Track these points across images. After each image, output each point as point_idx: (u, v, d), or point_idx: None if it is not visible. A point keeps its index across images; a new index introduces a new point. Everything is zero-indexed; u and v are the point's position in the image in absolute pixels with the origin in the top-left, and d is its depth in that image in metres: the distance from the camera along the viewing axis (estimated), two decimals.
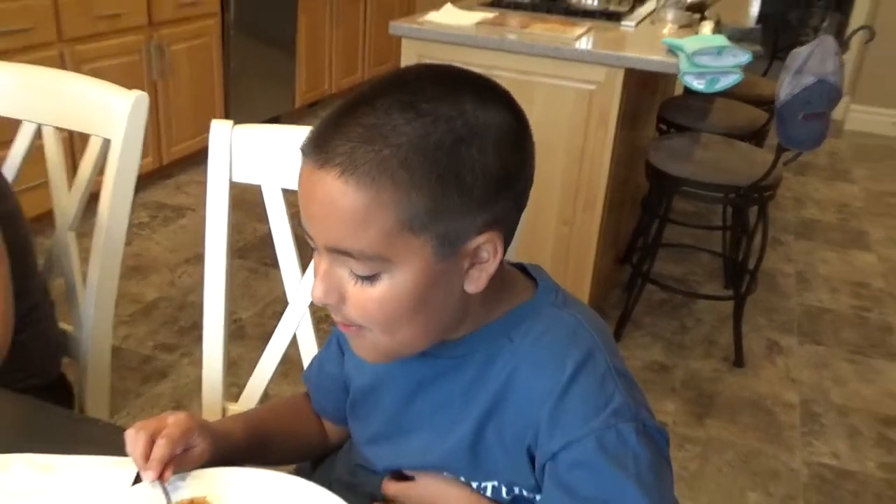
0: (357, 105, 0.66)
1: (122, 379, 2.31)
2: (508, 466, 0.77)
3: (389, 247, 0.66)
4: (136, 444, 0.75)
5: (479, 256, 0.70)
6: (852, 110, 5.29)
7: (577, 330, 0.75)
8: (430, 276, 0.68)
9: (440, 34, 2.40)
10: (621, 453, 0.69)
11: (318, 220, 0.68)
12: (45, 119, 1.29)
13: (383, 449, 0.86)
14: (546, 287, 0.80)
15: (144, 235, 3.18)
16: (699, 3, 2.88)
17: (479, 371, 0.77)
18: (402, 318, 0.70)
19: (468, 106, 0.66)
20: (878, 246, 3.58)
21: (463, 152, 0.65)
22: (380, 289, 0.68)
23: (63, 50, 2.96)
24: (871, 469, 2.17)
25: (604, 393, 0.71)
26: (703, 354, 2.65)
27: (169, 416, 0.78)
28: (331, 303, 0.70)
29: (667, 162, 2.50)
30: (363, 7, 4.92)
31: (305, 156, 0.67)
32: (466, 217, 0.67)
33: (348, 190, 0.64)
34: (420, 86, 0.67)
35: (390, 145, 0.64)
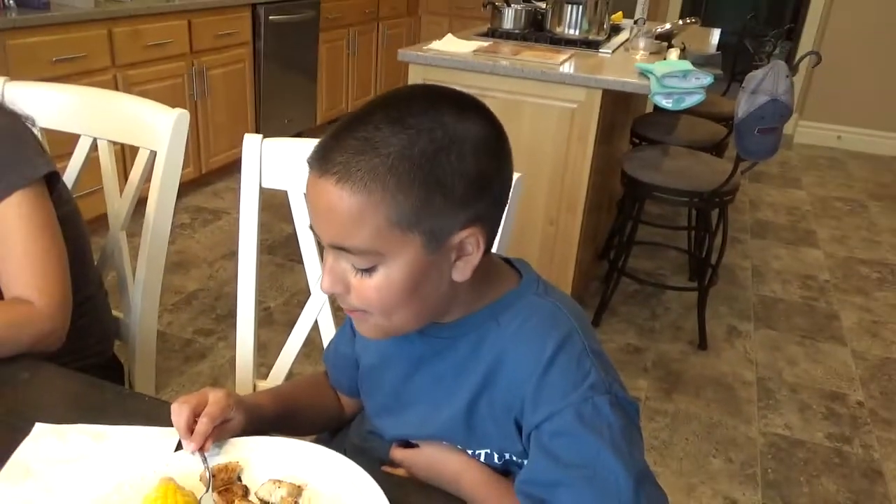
0: (353, 122, 0.67)
1: (166, 360, 2.30)
2: (499, 436, 0.77)
3: (382, 243, 0.67)
4: (179, 417, 0.75)
5: (464, 249, 0.70)
6: (801, 125, 5.27)
7: (556, 315, 0.75)
8: (420, 267, 0.69)
9: (442, 60, 2.39)
10: (597, 422, 0.69)
11: (321, 221, 0.69)
12: (100, 134, 1.28)
13: (388, 420, 0.86)
14: (529, 278, 0.80)
15: (186, 235, 3.17)
16: (667, 33, 2.87)
17: (470, 350, 0.77)
18: (397, 304, 0.71)
19: (448, 119, 0.67)
20: (824, 244, 3.56)
21: (443, 159, 0.65)
22: (377, 279, 0.69)
23: (116, 74, 2.96)
24: (819, 439, 2.16)
25: (581, 370, 0.71)
26: (671, 338, 2.64)
27: (210, 393, 0.78)
28: (337, 292, 0.71)
29: (639, 170, 2.49)
30: (376, 38, 4.92)
31: (310, 166, 0.69)
32: (449, 215, 0.68)
33: (344, 195, 0.65)
34: (407, 103, 0.68)
35: (380, 155, 0.64)
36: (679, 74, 2.14)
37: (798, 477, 1.99)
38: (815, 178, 4.57)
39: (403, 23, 5.22)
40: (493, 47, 2.57)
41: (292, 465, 0.76)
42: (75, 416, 0.82)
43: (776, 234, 3.64)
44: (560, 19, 2.80)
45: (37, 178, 1.02)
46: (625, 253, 2.67)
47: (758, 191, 4.25)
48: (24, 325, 0.95)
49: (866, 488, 1.97)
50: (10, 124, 1.05)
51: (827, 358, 2.58)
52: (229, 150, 3.69)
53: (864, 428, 2.21)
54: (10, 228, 0.99)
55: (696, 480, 1.95)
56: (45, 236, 1.01)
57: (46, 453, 0.77)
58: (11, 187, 0.99)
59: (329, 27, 4.31)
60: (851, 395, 2.37)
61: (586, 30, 2.79)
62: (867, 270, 3.30)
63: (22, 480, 0.74)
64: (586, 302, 2.77)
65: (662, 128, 3.04)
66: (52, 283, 1.00)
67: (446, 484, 0.79)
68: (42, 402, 0.87)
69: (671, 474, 1.97)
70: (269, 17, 3.73)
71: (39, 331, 0.97)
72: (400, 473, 0.83)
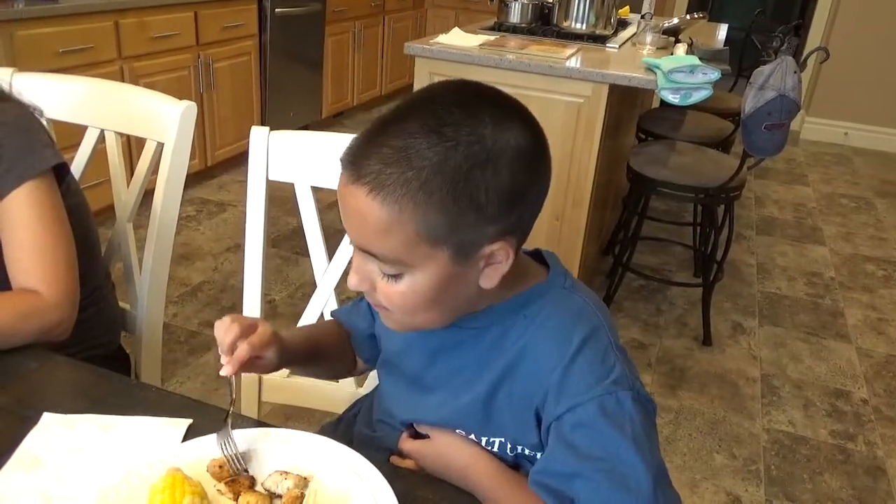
0: (388, 124, 0.66)
1: (171, 351, 2.31)
2: (515, 426, 0.77)
3: (409, 254, 0.67)
4: (227, 334, 0.75)
5: (493, 258, 0.70)
6: (807, 122, 5.25)
7: (583, 310, 0.75)
8: (446, 278, 0.69)
9: (448, 54, 2.39)
10: (619, 416, 0.69)
11: (351, 224, 0.69)
12: (107, 125, 1.28)
13: (405, 402, 0.87)
14: (557, 272, 0.79)
15: (192, 227, 3.18)
16: (674, 27, 2.86)
17: (494, 342, 0.77)
18: (421, 309, 0.71)
19: (487, 130, 0.64)
20: (829, 241, 3.56)
21: (478, 175, 0.64)
22: (402, 286, 0.69)
23: (123, 66, 2.96)
24: (822, 436, 2.16)
25: (605, 364, 0.71)
26: (675, 334, 2.64)
27: (259, 324, 0.78)
28: (364, 290, 0.72)
29: (645, 166, 2.48)
30: (382, 31, 4.91)
31: (343, 167, 0.67)
32: (480, 230, 0.67)
33: (374, 206, 0.64)
34: (446, 109, 0.65)
35: (413, 168, 0.63)
36: (686, 69, 2.14)
37: (801, 474, 1.99)
38: (822, 174, 4.56)
39: (409, 16, 5.21)
40: (499, 41, 2.56)
41: (299, 456, 0.76)
42: (83, 407, 0.83)
43: (782, 231, 3.63)
44: (567, 13, 2.79)
45: (46, 170, 1.02)
46: (630, 248, 2.67)
47: (764, 187, 4.24)
48: (32, 316, 0.96)
49: (870, 485, 1.96)
50: (20, 116, 1.05)
51: (831, 355, 2.57)
52: (235, 143, 3.69)
53: (868, 425, 2.21)
54: (18, 219, 1.00)
55: (699, 476, 1.96)
56: (54, 227, 1.01)
57: (55, 443, 0.77)
58: (20, 178, 0.99)
59: (335, 20, 4.30)
60: (856, 393, 2.36)
61: (593, 24, 2.78)
62: (873, 268, 3.29)
63: (31, 469, 0.74)
64: None
65: (669, 123, 3.03)
66: (59, 274, 1.00)
67: (454, 474, 0.79)
68: (50, 393, 0.88)
69: (675, 470, 1.97)
70: (275, 10, 3.73)
71: (47, 321, 0.97)
72: (408, 465, 0.84)
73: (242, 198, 3.66)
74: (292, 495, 0.71)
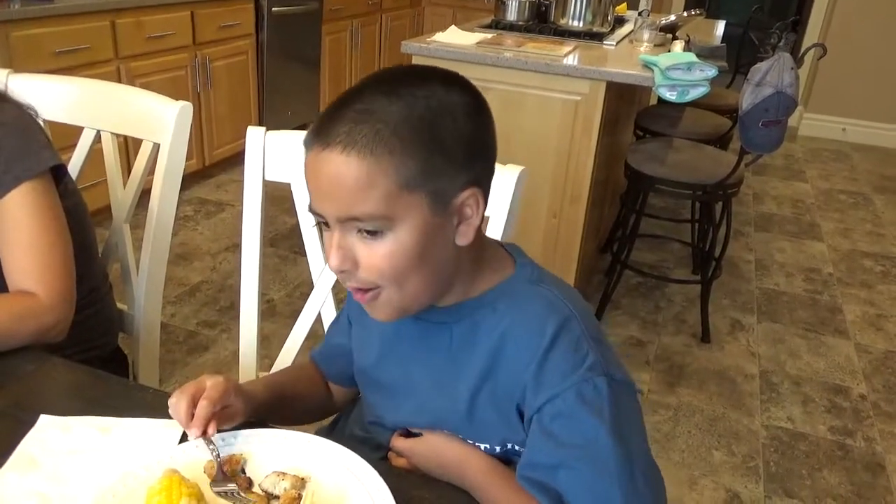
0: (346, 99, 0.69)
1: (169, 352, 2.31)
2: (502, 424, 0.77)
3: (391, 206, 0.67)
4: (178, 407, 0.75)
5: (464, 213, 0.72)
6: (805, 118, 5.25)
7: (552, 302, 0.76)
8: (427, 229, 0.70)
9: (445, 52, 2.38)
10: (597, 402, 0.70)
11: (327, 196, 0.69)
12: (104, 126, 1.28)
13: (388, 409, 0.87)
14: (524, 264, 0.81)
15: (189, 227, 3.18)
16: (671, 24, 2.86)
17: (465, 339, 0.78)
18: (408, 270, 0.71)
19: (438, 88, 0.69)
20: (827, 237, 3.56)
21: (441, 123, 0.68)
22: (386, 245, 0.69)
23: (119, 66, 2.96)
24: (821, 432, 2.16)
25: (579, 353, 0.72)
26: (674, 331, 2.64)
27: (207, 379, 0.78)
28: (346, 269, 0.71)
29: (643, 163, 2.48)
30: (379, 29, 4.91)
31: (309, 145, 0.69)
32: (451, 176, 0.70)
33: (351, 162, 0.66)
34: (397, 78, 0.70)
35: (381, 121, 0.66)
36: (683, 67, 2.13)
37: (800, 470, 2.00)
38: (820, 170, 4.56)
39: (407, 14, 5.21)
40: (496, 39, 2.56)
41: (295, 457, 0.76)
42: (80, 408, 0.83)
43: (780, 227, 3.63)
44: (564, 11, 2.78)
45: (43, 171, 1.02)
46: (628, 246, 2.67)
47: (762, 183, 4.24)
48: (28, 318, 0.96)
49: (868, 481, 1.97)
50: (18, 117, 1.05)
51: (830, 351, 2.57)
52: (232, 143, 3.69)
53: (867, 421, 2.21)
54: (15, 220, 1.00)
55: (698, 473, 1.96)
56: (51, 228, 1.01)
57: (52, 445, 0.77)
58: (18, 179, 0.99)
59: (332, 19, 4.29)
60: (854, 389, 2.37)
61: (590, 22, 2.78)
62: (871, 263, 3.29)
63: (28, 471, 0.74)
64: (589, 295, 2.77)
65: (666, 120, 3.03)
66: (56, 276, 1.00)
67: (449, 470, 0.80)
68: (47, 394, 0.88)
69: (673, 467, 1.97)
70: (272, 9, 3.72)
71: (43, 323, 0.97)
72: (401, 464, 0.84)
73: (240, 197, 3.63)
74: (289, 496, 0.71)
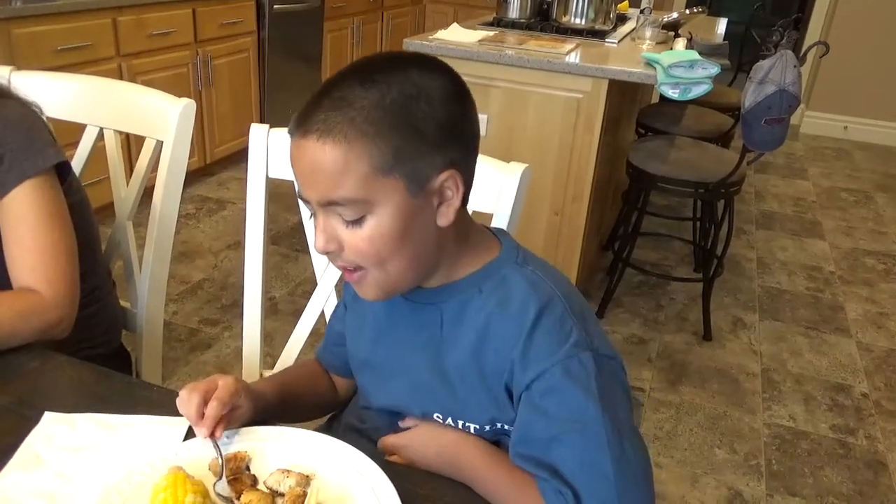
0: (325, 89, 0.71)
1: (172, 349, 2.31)
2: (491, 403, 0.79)
3: (368, 190, 0.69)
4: (189, 404, 0.76)
5: (444, 195, 0.73)
6: (807, 116, 5.25)
7: (535, 282, 0.78)
8: (406, 212, 0.71)
9: (447, 49, 2.38)
10: (584, 377, 0.72)
11: (308, 181, 0.71)
12: (107, 123, 1.28)
13: (379, 390, 0.88)
14: (509, 247, 0.82)
15: (191, 225, 3.18)
16: (674, 22, 2.86)
17: (454, 316, 0.80)
18: (390, 252, 0.73)
19: (413, 74, 0.71)
20: (829, 235, 3.56)
21: (414, 106, 0.69)
22: (367, 229, 0.71)
23: (121, 63, 2.96)
24: (823, 430, 2.16)
25: (563, 330, 0.74)
26: (675, 329, 2.64)
27: (219, 379, 0.79)
28: (331, 250, 0.74)
29: (645, 161, 2.48)
30: (380, 27, 4.90)
31: (291, 134, 0.72)
32: (426, 158, 0.71)
33: (326, 149, 0.68)
34: (374, 65, 0.72)
35: (355, 108, 0.68)
36: (686, 64, 2.13)
37: (802, 468, 2.00)
38: (822, 168, 4.56)
39: (408, 11, 5.20)
40: (498, 37, 2.56)
41: (300, 454, 0.76)
42: (84, 405, 0.83)
43: (782, 226, 3.63)
44: (566, 9, 2.78)
45: (48, 168, 1.02)
46: (630, 244, 2.67)
47: (763, 181, 4.24)
48: (32, 316, 0.96)
49: (870, 479, 1.97)
50: (23, 114, 1.05)
51: (832, 349, 2.57)
52: (234, 140, 3.69)
53: (869, 419, 2.21)
54: (20, 217, 1.00)
55: (700, 471, 1.96)
56: (55, 226, 1.01)
57: (56, 442, 0.77)
58: (22, 176, 0.99)
59: (334, 16, 4.29)
60: (856, 387, 2.37)
61: (592, 19, 2.78)
62: (873, 262, 3.29)
63: (33, 469, 0.74)
64: (591, 293, 2.77)
65: (668, 118, 3.03)
66: (60, 273, 1.00)
67: (444, 457, 0.80)
68: (51, 392, 0.88)
69: (675, 465, 1.97)
70: (273, 6, 3.72)
71: (47, 321, 0.97)
72: (395, 460, 0.84)
73: (242, 195, 3.65)
74: (294, 493, 0.71)
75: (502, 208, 1.04)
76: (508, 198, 1.04)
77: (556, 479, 0.71)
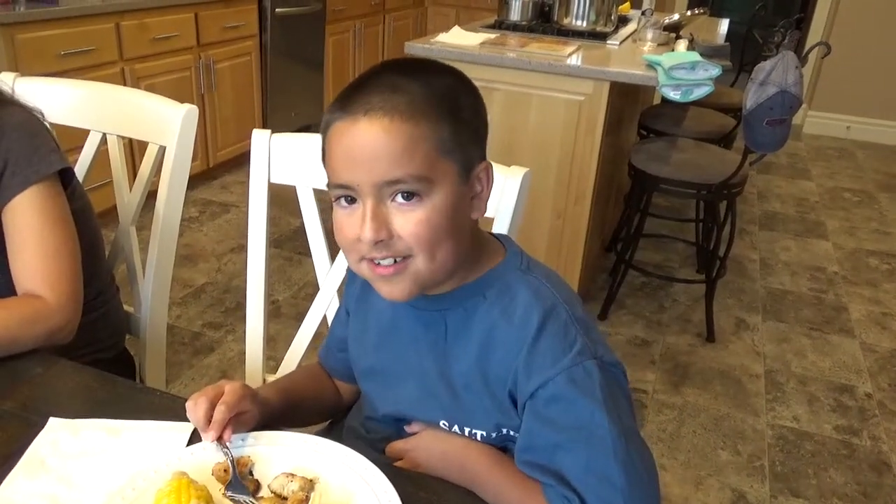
0: (367, 78, 0.73)
1: (175, 353, 2.32)
2: (496, 410, 0.79)
3: (431, 168, 0.70)
4: (197, 410, 0.76)
5: (475, 187, 0.76)
6: (810, 116, 5.24)
7: (539, 289, 0.78)
8: (456, 197, 0.73)
9: (449, 53, 2.39)
10: (588, 384, 0.73)
11: (364, 163, 0.70)
12: (110, 129, 1.29)
13: (384, 397, 0.88)
14: (513, 253, 0.82)
15: (194, 228, 3.18)
16: (675, 23, 2.86)
17: (459, 323, 0.80)
18: (442, 236, 0.72)
19: (443, 72, 0.75)
20: (832, 235, 3.55)
21: (457, 98, 0.73)
22: (423, 210, 0.71)
23: (124, 68, 2.97)
24: (827, 431, 2.16)
25: (567, 338, 0.74)
26: (678, 331, 2.64)
27: (226, 384, 0.79)
28: (382, 238, 0.71)
29: (647, 163, 2.48)
30: (382, 30, 4.91)
31: (340, 118, 0.72)
32: (473, 146, 0.74)
33: (393, 127, 0.69)
34: (404, 65, 0.75)
35: (411, 93, 0.70)
36: (687, 66, 2.13)
37: (806, 469, 1.99)
38: (824, 168, 4.55)
39: (410, 14, 5.21)
40: (500, 39, 2.56)
41: (303, 459, 0.76)
42: (88, 411, 0.83)
43: (784, 226, 3.63)
44: (567, 11, 2.79)
45: (51, 174, 1.03)
46: (632, 245, 2.67)
47: (766, 182, 4.23)
48: (37, 322, 0.96)
49: (874, 480, 1.97)
50: (27, 120, 1.05)
51: (835, 350, 2.57)
52: (237, 144, 3.70)
53: (873, 420, 2.21)
54: (24, 223, 1.00)
55: (703, 473, 1.96)
56: (59, 231, 1.02)
57: (61, 448, 0.78)
58: (26, 182, 1.00)
59: (335, 19, 4.30)
60: (860, 388, 2.36)
61: (594, 21, 2.78)
62: (876, 262, 3.28)
63: (38, 474, 0.75)
64: (594, 294, 2.77)
65: (670, 119, 3.03)
66: (63, 279, 1.01)
67: (450, 462, 0.80)
68: (56, 397, 0.88)
69: (679, 466, 1.97)
70: (275, 10, 3.73)
71: (51, 326, 0.98)
72: (401, 464, 0.84)
73: (245, 198, 3.67)
74: (297, 498, 0.71)
75: (503, 212, 1.04)
76: (510, 202, 1.04)
77: (563, 486, 0.72)
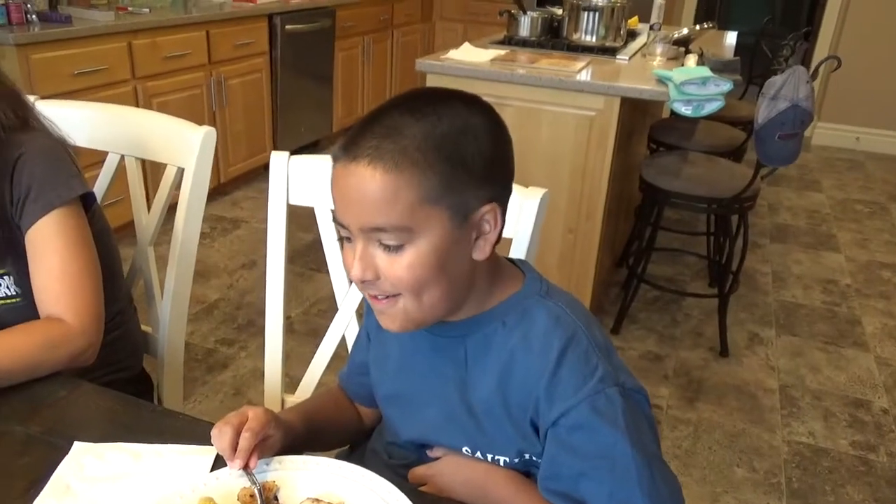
0: (374, 117, 0.72)
1: (189, 370, 2.32)
2: (517, 436, 0.79)
3: (413, 218, 0.70)
4: (223, 438, 0.77)
5: (482, 228, 0.74)
6: (819, 127, 5.24)
7: (560, 316, 0.78)
8: (446, 242, 0.72)
9: (460, 69, 2.40)
10: (611, 412, 0.72)
11: (352, 206, 0.71)
12: (128, 151, 1.30)
13: (405, 423, 0.89)
14: (532, 279, 0.82)
15: (206, 244, 3.19)
16: (684, 38, 2.87)
17: (478, 350, 0.80)
18: (427, 281, 0.72)
19: (461, 108, 0.73)
20: (844, 247, 3.54)
21: (463, 139, 0.71)
22: (407, 257, 0.71)
23: (136, 86, 3.00)
24: (843, 447, 2.14)
25: (589, 365, 0.74)
26: (691, 345, 2.63)
27: (249, 410, 0.80)
28: (368, 279, 0.73)
29: (658, 177, 2.49)
30: (391, 45, 4.94)
31: (337, 159, 0.72)
32: (471, 191, 0.72)
33: (377, 175, 0.68)
34: (422, 98, 0.73)
35: (407, 137, 0.69)
36: (698, 81, 2.14)
37: (823, 486, 1.98)
38: (835, 180, 4.54)
39: (418, 29, 5.24)
40: (510, 55, 2.58)
41: (329, 484, 0.76)
42: (112, 434, 0.84)
43: (796, 239, 3.62)
44: (577, 26, 2.80)
45: (73, 198, 1.04)
46: (644, 259, 2.67)
47: (776, 194, 4.22)
48: (59, 346, 0.97)
49: (892, 497, 1.95)
50: (51, 146, 1.07)
51: (850, 364, 2.55)
52: (248, 160, 3.72)
53: (890, 435, 2.19)
54: (46, 246, 1.01)
55: (719, 490, 1.95)
56: (81, 255, 1.03)
57: (87, 472, 0.78)
58: (49, 206, 1.01)
59: (344, 35, 4.33)
60: (875, 402, 2.35)
61: (603, 36, 2.79)
62: (889, 274, 3.27)
63: (64, 499, 0.75)
64: (606, 309, 2.77)
65: (680, 133, 3.03)
66: (85, 302, 1.02)
67: (473, 487, 0.81)
68: (79, 421, 0.89)
69: (694, 483, 1.96)
70: (285, 27, 3.76)
71: (73, 350, 0.99)
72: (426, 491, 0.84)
73: (256, 214, 3.70)
74: None
75: (521, 233, 1.05)
76: (528, 223, 1.04)
77: None
